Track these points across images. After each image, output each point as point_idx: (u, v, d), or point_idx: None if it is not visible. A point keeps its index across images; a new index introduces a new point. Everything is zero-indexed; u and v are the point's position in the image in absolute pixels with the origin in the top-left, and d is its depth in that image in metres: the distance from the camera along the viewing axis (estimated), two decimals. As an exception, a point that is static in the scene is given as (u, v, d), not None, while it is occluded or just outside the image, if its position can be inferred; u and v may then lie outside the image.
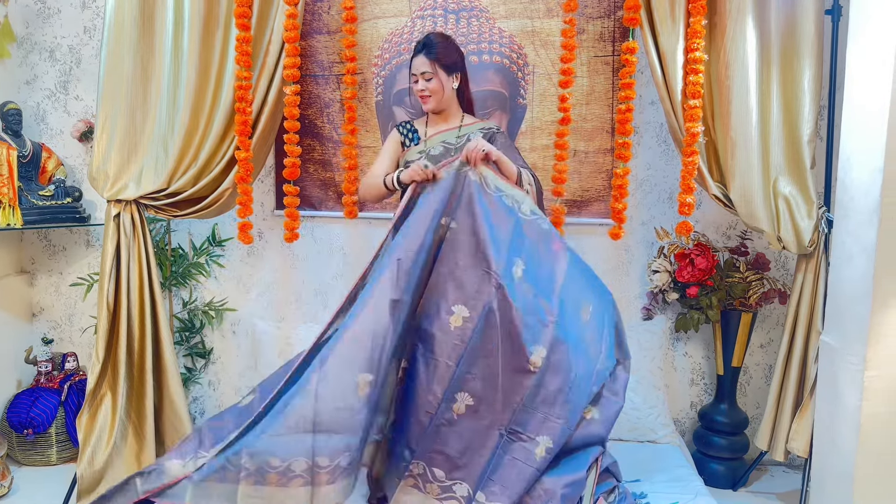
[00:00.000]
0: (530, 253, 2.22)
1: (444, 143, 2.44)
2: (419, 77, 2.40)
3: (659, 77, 2.61)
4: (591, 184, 3.04)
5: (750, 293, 2.85)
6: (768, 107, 2.60)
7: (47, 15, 3.21)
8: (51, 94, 3.25)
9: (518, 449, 2.08)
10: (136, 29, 2.70)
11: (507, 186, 2.28)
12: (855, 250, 2.15)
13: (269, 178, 3.21)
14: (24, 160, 3.00)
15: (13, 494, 2.79)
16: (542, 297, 2.16)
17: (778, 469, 3.10)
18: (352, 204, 2.88)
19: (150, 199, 2.74)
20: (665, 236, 2.99)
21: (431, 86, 2.39)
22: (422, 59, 2.38)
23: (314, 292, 3.27)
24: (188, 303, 3.30)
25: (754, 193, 2.58)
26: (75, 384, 3.16)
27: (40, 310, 3.37)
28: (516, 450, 2.08)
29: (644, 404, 2.87)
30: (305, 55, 3.03)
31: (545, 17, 2.99)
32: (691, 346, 3.18)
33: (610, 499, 2.17)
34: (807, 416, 2.58)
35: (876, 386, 2.06)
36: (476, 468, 2.07)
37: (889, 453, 2.07)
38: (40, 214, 2.99)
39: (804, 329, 2.64)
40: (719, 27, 2.61)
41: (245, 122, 2.71)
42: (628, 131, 2.67)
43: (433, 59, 2.37)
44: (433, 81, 2.39)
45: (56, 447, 3.07)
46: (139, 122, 2.75)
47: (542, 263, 2.24)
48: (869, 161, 2.08)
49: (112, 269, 2.69)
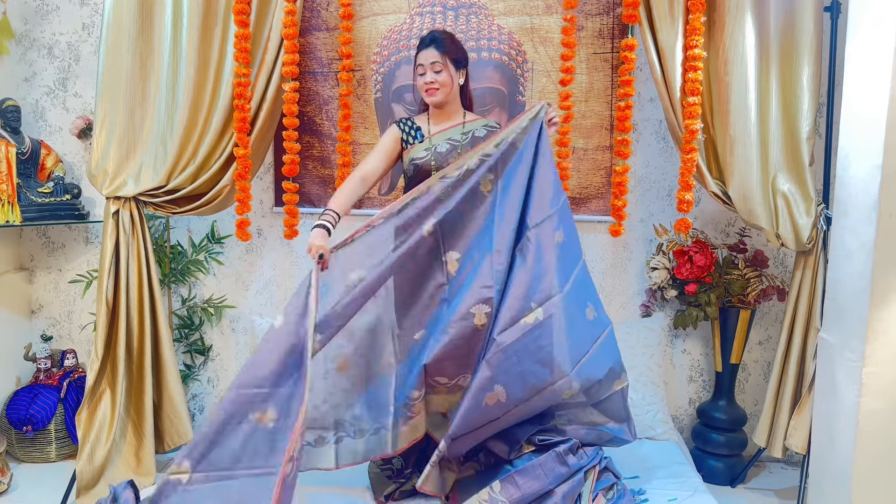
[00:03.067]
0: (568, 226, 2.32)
1: (449, 140, 2.44)
2: (428, 69, 2.37)
3: (658, 74, 2.61)
4: (590, 181, 3.04)
5: (748, 290, 2.85)
6: (767, 104, 2.60)
7: (46, 11, 3.20)
8: (49, 91, 3.25)
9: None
10: (135, 25, 2.70)
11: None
12: (853, 247, 2.15)
13: (268, 175, 3.21)
14: (23, 157, 3.00)
15: (13, 491, 2.79)
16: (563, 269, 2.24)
17: (776, 466, 3.10)
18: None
19: (149, 195, 2.74)
20: (664, 233, 2.99)
21: (441, 78, 2.38)
22: (432, 51, 2.38)
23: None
24: (187, 300, 3.30)
25: (753, 190, 2.58)
26: (74, 381, 3.16)
27: (39, 307, 3.37)
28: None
29: (642, 401, 2.87)
30: (304, 52, 3.03)
31: (544, 14, 2.99)
32: (690, 343, 3.18)
33: (609, 495, 2.18)
34: (805, 412, 2.58)
35: (874, 382, 2.06)
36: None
37: (887, 449, 2.08)
38: (39, 211, 2.99)
39: (803, 326, 2.65)
40: (718, 24, 2.61)
41: (244, 118, 2.71)
42: (627, 128, 2.68)
43: (443, 53, 2.38)
44: (443, 74, 2.38)
45: (55, 444, 3.08)
46: (138, 118, 2.75)
47: (572, 245, 2.31)
48: (868, 158, 2.08)
49: (111, 266, 2.69)
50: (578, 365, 2.18)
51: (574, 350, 2.19)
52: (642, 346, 2.96)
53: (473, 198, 2.23)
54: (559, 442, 2.19)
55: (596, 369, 2.24)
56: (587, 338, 2.25)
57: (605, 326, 2.32)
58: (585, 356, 2.21)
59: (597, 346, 2.25)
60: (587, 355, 2.21)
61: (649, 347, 2.98)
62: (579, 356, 2.20)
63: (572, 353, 2.18)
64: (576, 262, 2.30)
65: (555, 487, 2.12)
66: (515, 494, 2.09)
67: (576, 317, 2.22)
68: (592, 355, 2.23)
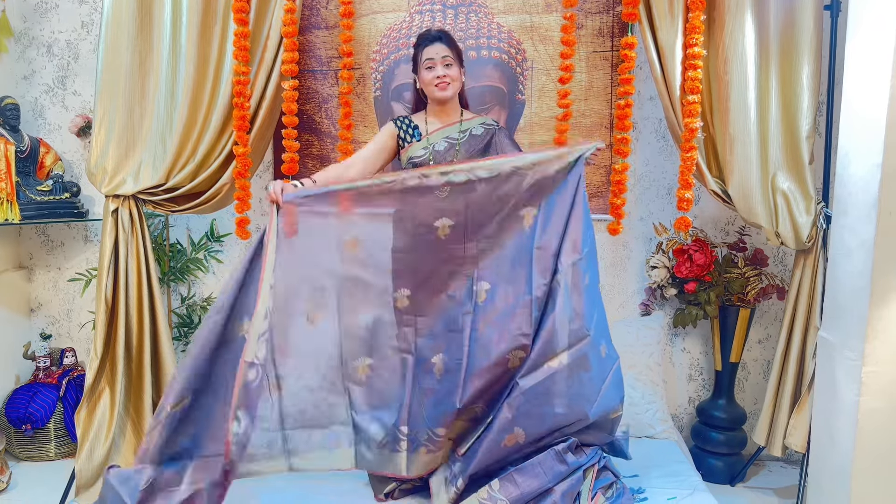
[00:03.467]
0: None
1: (447, 138, 2.44)
2: (438, 63, 2.36)
3: (658, 72, 2.61)
4: (589, 179, 3.04)
5: (748, 289, 2.85)
6: (767, 102, 2.60)
7: (45, 10, 3.20)
8: (48, 89, 3.24)
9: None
10: (134, 24, 2.70)
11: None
12: (853, 246, 2.15)
13: (268, 174, 3.21)
14: (22, 155, 3.00)
15: (12, 490, 2.79)
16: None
17: (776, 464, 3.10)
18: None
19: (149, 194, 2.74)
20: (663, 232, 2.98)
21: (451, 72, 2.37)
22: (441, 46, 2.38)
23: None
24: (186, 298, 3.29)
25: (753, 189, 2.58)
26: (74, 379, 3.16)
27: (38, 305, 3.37)
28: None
29: (642, 400, 2.87)
30: (304, 50, 3.02)
31: (544, 13, 2.99)
32: (689, 342, 3.18)
33: (608, 494, 2.18)
34: (804, 411, 2.58)
35: (874, 381, 2.06)
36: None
37: (886, 448, 2.07)
38: (38, 210, 2.99)
39: (802, 325, 2.64)
40: (718, 22, 2.61)
41: (243, 117, 2.70)
42: (627, 127, 2.67)
43: (451, 48, 2.38)
44: (453, 68, 2.38)
45: (54, 442, 3.08)
46: (137, 117, 2.74)
47: (595, 287, 2.30)
48: (867, 157, 2.08)
49: (110, 265, 2.69)
50: (595, 404, 2.19)
51: (592, 390, 2.19)
52: (642, 345, 2.96)
53: (511, 222, 2.20)
54: (559, 441, 2.19)
55: (608, 404, 2.24)
56: (601, 376, 2.25)
57: (615, 361, 2.31)
58: (600, 394, 2.21)
59: (608, 382, 2.25)
60: (601, 393, 2.22)
61: (649, 346, 2.97)
62: (596, 395, 2.20)
63: (591, 393, 2.19)
64: (597, 304, 2.28)
65: (554, 486, 2.12)
66: (514, 493, 2.09)
67: (595, 357, 2.21)
68: (605, 393, 2.23)
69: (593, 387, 2.20)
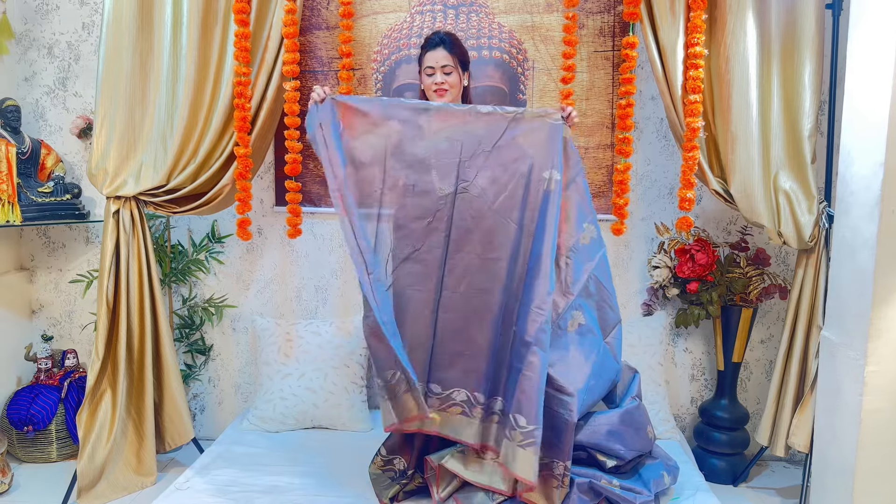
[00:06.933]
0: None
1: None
2: (438, 70, 2.38)
3: (659, 72, 2.61)
4: (591, 179, 3.03)
5: (750, 288, 2.85)
6: (769, 101, 2.59)
7: (46, 11, 3.20)
8: (49, 91, 3.24)
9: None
10: (135, 25, 2.70)
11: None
12: (856, 245, 2.15)
13: (269, 175, 3.20)
14: (23, 157, 3.00)
15: (13, 491, 2.79)
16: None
17: (778, 464, 3.10)
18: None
19: (150, 195, 2.74)
20: (665, 232, 2.98)
21: (450, 79, 2.39)
22: (442, 52, 2.38)
23: (314, 289, 3.26)
24: (188, 299, 3.29)
25: (755, 188, 2.57)
26: (75, 381, 3.16)
27: (40, 307, 3.37)
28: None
29: (644, 400, 2.85)
30: (304, 51, 3.02)
31: (545, 12, 2.99)
32: (692, 342, 3.18)
33: None
34: (807, 411, 2.58)
35: (876, 381, 2.06)
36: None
37: (889, 448, 2.07)
38: (39, 211, 2.99)
39: (805, 324, 2.64)
40: (719, 22, 2.60)
41: (244, 118, 2.70)
42: (629, 126, 2.67)
43: (452, 54, 2.38)
44: (453, 75, 2.39)
45: (56, 444, 3.07)
46: (138, 118, 2.75)
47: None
48: (870, 156, 2.08)
49: (111, 266, 2.69)
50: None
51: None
52: (644, 345, 2.96)
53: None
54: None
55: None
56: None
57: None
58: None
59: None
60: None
61: (651, 346, 2.97)
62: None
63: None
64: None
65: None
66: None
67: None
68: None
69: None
